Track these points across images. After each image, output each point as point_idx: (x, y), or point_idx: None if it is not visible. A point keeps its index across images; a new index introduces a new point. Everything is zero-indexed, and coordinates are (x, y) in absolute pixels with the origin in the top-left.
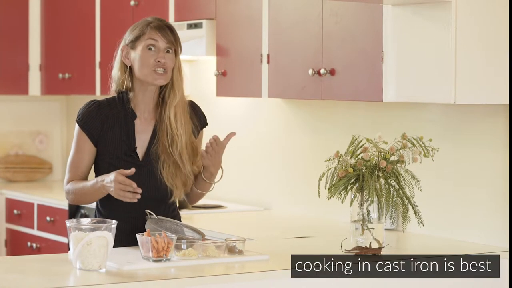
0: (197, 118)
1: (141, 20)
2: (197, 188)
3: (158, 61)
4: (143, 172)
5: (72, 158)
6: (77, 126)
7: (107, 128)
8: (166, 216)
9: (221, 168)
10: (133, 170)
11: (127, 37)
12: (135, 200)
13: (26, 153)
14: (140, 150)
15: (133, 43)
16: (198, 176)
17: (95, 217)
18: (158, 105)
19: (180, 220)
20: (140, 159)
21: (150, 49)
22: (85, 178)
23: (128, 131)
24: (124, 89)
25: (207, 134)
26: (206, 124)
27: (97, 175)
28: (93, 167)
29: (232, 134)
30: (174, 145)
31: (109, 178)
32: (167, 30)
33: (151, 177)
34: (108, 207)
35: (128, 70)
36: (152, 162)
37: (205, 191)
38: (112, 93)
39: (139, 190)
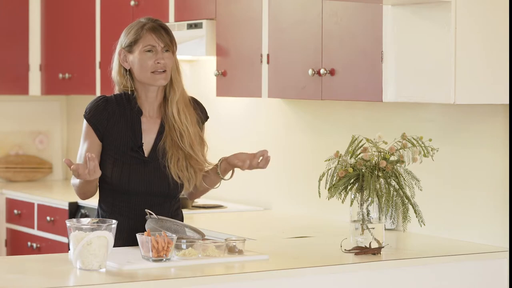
0: (199, 112)
1: (135, 22)
2: (206, 183)
3: (158, 62)
4: (149, 169)
5: (79, 153)
6: (85, 120)
7: (113, 123)
8: (169, 215)
9: (233, 169)
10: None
11: (123, 40)
12: (92, 167)
13: (26, 153)
14: (146, 147)
15: (130, 47)
16: (209, 171)
17: (97, 215)
18: (162, 103)
19: (183, 220)
20: (146, 155)
21: (148, 51)
22: None
23: (134, 127)
24: (127, 91)
25: (208, 132)
26: (208, 117)
27: (102, 171)
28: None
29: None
30: (183, 138)
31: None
32: (162, 31)
33: (157, 173)
34: (110, 204)
35: (128, 73)
36: (158, 158)
37: (212, 186)
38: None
39: (93, 157)
